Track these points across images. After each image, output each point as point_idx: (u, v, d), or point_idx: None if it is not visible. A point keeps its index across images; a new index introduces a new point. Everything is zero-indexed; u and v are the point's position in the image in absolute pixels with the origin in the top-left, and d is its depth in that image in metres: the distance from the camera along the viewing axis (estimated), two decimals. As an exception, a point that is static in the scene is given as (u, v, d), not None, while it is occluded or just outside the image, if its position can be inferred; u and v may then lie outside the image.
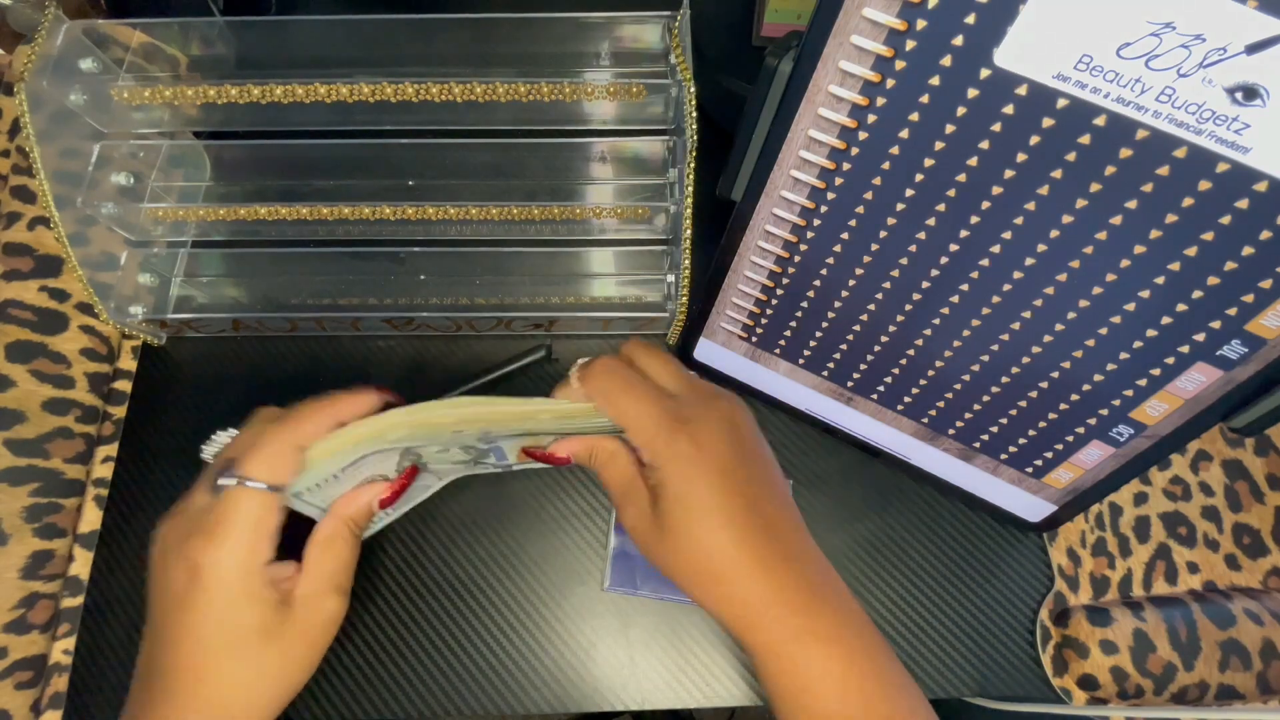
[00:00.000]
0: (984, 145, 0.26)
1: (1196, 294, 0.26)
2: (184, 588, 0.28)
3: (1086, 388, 0.31)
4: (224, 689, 0.28)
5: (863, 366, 0.36)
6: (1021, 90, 0.24)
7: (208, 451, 0.33)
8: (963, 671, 0.38)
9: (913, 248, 0.30)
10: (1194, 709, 0.37)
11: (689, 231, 0.37)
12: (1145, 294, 0.27)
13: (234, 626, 0.28)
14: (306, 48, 0.37)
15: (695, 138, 0.34)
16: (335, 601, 0.30)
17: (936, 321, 0.32)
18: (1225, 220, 0.24)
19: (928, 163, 0.27)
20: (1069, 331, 0.30)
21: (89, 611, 0.38)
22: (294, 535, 0.31)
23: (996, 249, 0.28)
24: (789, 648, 0.27)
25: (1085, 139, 0.24)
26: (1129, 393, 0.30)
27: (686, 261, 0.38)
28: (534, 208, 0.39)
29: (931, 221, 0.29)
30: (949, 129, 0.26)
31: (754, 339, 0.38)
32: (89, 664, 0.37)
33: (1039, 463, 0.35)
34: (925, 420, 0.37)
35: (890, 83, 0.26)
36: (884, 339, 0.34)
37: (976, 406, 0.35)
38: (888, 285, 0.32)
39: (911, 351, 0.34)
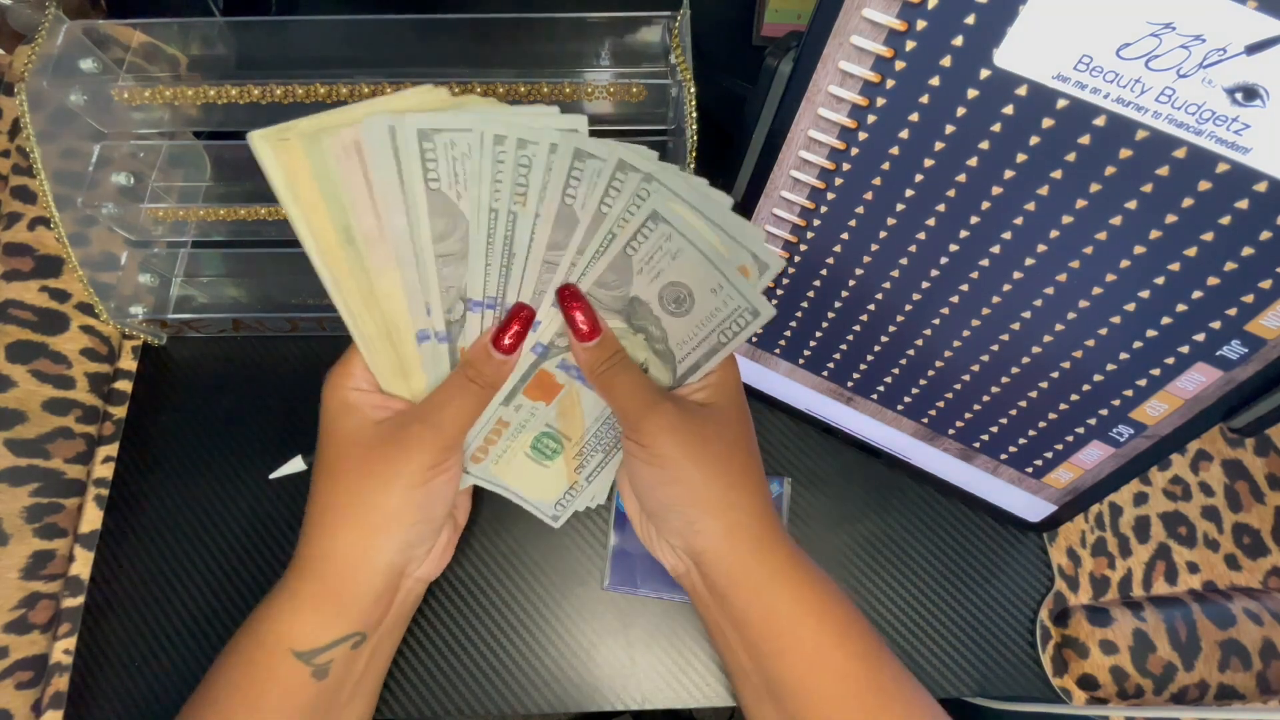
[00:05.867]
0: (984, 145, 0.26)
1: (1196, 294, 0.26)
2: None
3: (1086, 388, 0.31)
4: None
5: (863, 366, 0.36)
6: (1021, 90, 0.24)
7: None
8: (963, 671, 0.38)
9: (913, 248, 0.30)
10: (1194, 709, 0.37)
11: (689, 231, 0.37)
12: (1145, 294, 0.27)
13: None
14: (306, 48, 0.37)
15: (695, 138, 0.34)
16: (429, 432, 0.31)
17: (936, 321, 0.32)
18: (1225, 221, 0.24)
19: (928, 163, 0.27)
20: (1069, 331, 0.30)
21: (89, 611, 0.38)
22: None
23: (997, 249, 0.28)
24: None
25: (1085, 139, 0.24)
26: (1129, 393, 0.30)
27: (686, 261, 0.38)
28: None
29: (932, 222, 0.29)
30: (949, 129, 0.26)
31: (754, 339, 0.38)
32: (90, 664, 0.37)
33: (1039, 463, 0.35)
34: (925, 420, 0.37)
35: (890, 83, 0.26)
36: (884, 339, 0.34)
37: (976, 406, 0.35)
38: (888, 285, 0.32)
39: (911, 351, 0.34)
